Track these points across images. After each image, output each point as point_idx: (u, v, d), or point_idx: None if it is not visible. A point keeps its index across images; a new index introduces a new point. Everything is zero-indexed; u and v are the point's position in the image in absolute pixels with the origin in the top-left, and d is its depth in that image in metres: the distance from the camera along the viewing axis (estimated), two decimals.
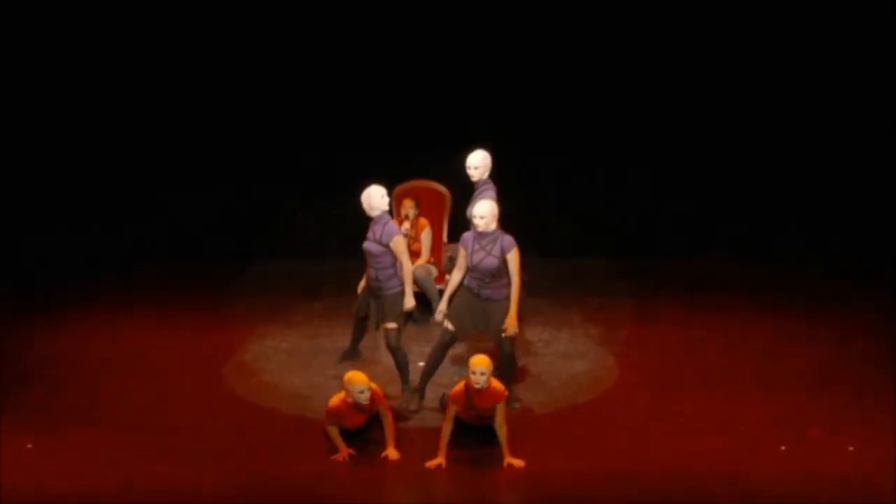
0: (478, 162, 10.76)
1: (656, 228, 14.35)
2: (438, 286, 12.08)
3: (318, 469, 9.13)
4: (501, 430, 9.20)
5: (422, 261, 12.13)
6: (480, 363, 9.13)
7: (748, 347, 11.44)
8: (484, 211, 9.78)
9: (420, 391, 10.13)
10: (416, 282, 12.08)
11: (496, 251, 9.76)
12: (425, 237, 12.21)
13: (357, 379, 9.25)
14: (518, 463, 9.15)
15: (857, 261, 13.70)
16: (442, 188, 12.63)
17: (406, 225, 12.08)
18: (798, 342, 11.55)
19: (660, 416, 9.93)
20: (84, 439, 9.45)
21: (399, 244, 10.05)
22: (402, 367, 10.15)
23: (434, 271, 12.15)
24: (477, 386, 9.12)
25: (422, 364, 10.23)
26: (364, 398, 9.21)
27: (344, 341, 11.09)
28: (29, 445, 9.28)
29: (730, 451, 9.26)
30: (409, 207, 12.12)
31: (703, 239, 14.26)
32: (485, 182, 10.76)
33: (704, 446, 9.35)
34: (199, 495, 8.78)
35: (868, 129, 14.06)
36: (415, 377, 10.18)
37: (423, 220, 12.23)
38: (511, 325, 9.80)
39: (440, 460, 9.17)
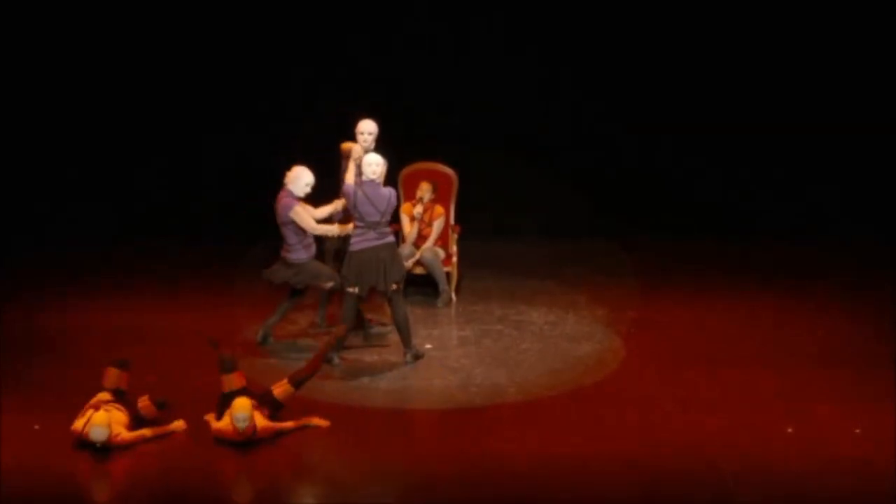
0: (373, 129, 10.82)
1: (663, 209, 14.34)
2: (445, 269, 12.10)
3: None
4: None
5: (429, 244, 12.11)
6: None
7: (755, 326, 11.45)
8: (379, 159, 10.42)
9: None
10: (423, 264, 12.07)
11: None
12: (437, 225, 12.17)
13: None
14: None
15: (865, 239, 13.73)
16: (449, 170, 12.58)
17: (419, 208, 12.04)
18: (804, 321, 11.56)
19: (666, 396, 9.92)
20: None
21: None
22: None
23: (441, 254, 12.13)
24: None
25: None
26: None
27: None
28: (36, 426, 9.26)
29: (737, 430, 9.25)
30: (425, 191, 12.10)
31: (709, 219, 14.26)
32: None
33: (712, 426, 9.33)
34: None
35: (875, 110, 14.06)
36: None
37: (438, 209, 12.20)
38: None
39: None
